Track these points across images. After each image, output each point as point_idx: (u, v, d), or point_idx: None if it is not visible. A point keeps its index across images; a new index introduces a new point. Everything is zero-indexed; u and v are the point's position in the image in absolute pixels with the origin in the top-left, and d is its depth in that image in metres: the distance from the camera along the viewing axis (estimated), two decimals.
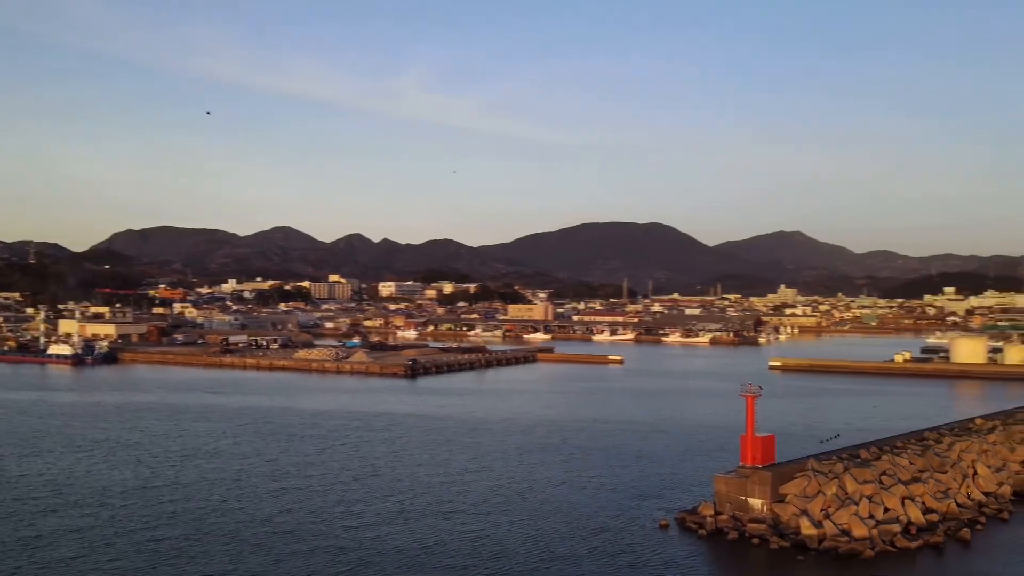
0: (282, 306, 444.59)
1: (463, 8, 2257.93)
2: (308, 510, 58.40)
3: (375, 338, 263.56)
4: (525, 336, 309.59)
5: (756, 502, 55.29)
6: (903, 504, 54.61)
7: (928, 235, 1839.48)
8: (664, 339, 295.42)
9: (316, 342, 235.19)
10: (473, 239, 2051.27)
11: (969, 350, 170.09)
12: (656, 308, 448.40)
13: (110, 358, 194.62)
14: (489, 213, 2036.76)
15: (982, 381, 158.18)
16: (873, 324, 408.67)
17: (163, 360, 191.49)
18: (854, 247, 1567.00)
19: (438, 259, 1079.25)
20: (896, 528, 51.86)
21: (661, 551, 50.38)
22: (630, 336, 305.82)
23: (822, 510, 53.35)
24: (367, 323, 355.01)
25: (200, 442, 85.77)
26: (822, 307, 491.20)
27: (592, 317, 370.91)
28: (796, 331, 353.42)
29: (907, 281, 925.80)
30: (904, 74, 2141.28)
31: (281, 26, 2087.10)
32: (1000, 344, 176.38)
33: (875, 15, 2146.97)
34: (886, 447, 65.02)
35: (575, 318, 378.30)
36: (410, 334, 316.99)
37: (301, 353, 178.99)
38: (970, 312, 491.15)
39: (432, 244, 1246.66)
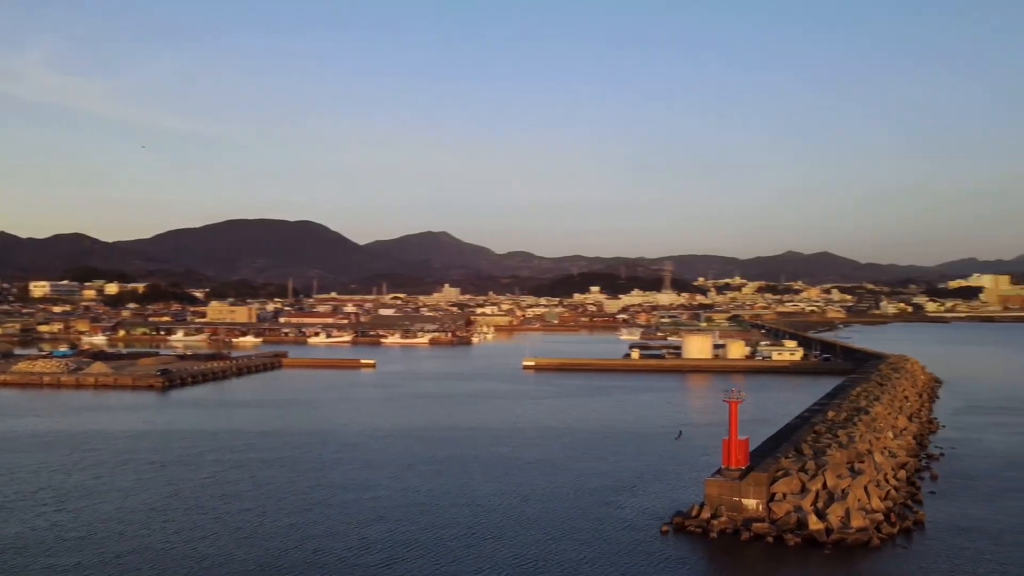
0: None
1: None
2: (308, 549, 52.22)
3: (86, 346, 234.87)
4: (233, 340, 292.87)
5: (751, 502, 58.66)
6: (867, 493, 61.04)
7: (558, 238, 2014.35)
8: (383, 340, 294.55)
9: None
10: (107, 234, 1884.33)
11: (698, 347, 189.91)
12: (349, 308, 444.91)
13: None
14: (125, 207, 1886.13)
15: (711, 374, 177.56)
16: (555, 322, 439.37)
17: None
18: (495, 247, 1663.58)
19: (68, 255, 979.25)
20: (879, 516, 57.96)
21: (685, 557, 52.01)
22: (347, 338, 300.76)
23: (812, 505, 58.16)
24: (41, 328, 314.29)
25: (50, 479, 71.77)
26: (504, 306, 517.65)
27: (300, 319, 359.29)
28: (494, 330, 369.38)
29: (553, 280, 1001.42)
30: (550, 72, 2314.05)
31: None
32: (723, 341, 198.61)
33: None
34: (810, 440, 71.80)
35: (282, 320, 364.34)
36: (99, 340, 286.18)
37: (22, 365, 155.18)
38: (624, 310, 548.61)
39: (60, 239, 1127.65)
